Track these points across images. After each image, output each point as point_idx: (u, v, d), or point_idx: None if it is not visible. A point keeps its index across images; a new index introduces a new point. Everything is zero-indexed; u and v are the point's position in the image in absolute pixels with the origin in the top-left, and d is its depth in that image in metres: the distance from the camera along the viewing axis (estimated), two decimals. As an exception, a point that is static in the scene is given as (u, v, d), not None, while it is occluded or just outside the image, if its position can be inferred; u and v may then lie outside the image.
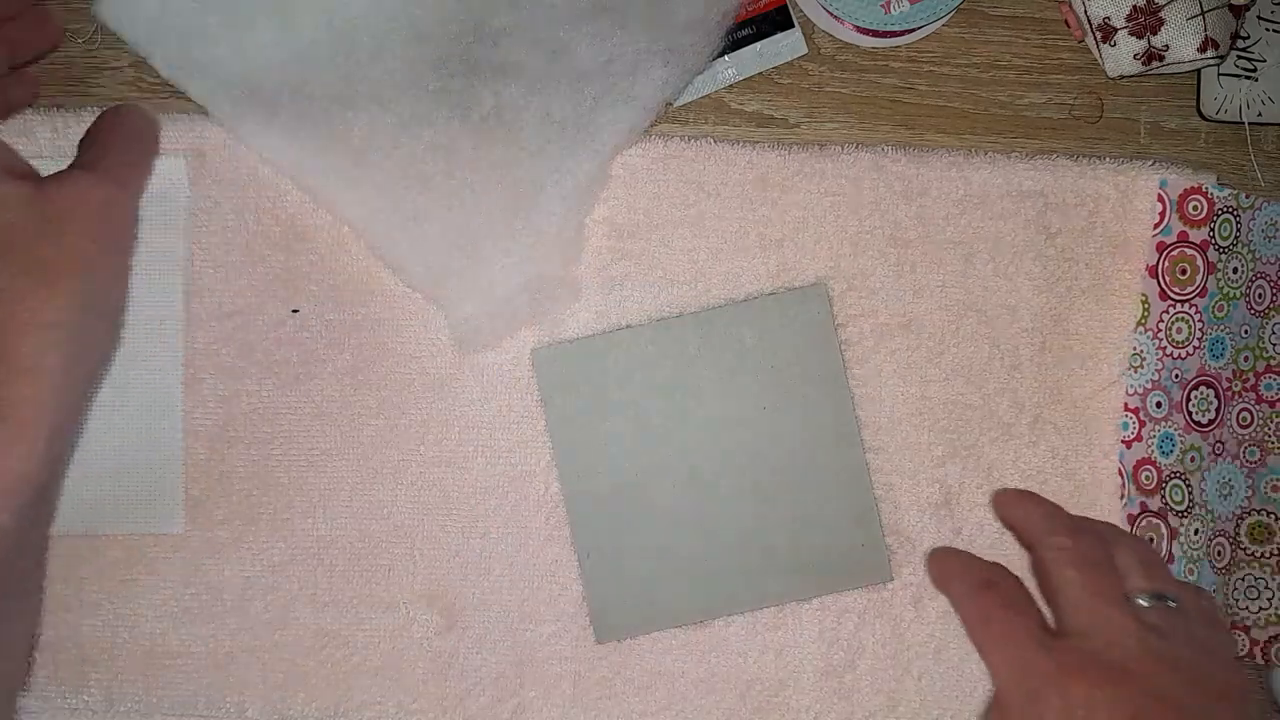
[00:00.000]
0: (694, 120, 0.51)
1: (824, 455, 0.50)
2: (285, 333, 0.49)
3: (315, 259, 0.49)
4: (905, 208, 0.51)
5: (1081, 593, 0.35)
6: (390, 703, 0.49)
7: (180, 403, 0.49)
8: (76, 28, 0.49)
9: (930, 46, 0.52)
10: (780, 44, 0.51)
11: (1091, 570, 0.36)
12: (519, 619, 0.50)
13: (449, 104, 0.47)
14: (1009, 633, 0.35)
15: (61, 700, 0.49)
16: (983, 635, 0.36)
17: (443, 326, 0.49)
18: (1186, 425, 0.50)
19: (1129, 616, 0.35)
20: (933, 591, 0.51)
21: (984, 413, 0.51)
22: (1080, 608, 0.35)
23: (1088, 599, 0.35)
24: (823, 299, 0.50)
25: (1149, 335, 0.51)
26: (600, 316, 0.50)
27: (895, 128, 0.52)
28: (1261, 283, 0.52)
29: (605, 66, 0.47)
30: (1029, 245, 0.51)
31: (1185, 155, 0.53)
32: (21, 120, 0.48)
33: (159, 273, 0.49)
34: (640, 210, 0.50)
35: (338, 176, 0.47)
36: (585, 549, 0.49)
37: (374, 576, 0.49)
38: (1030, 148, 0.52)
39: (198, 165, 0.49)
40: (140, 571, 0.49)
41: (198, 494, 0.49)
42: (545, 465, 0.50)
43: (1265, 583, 0.52)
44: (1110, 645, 0.34)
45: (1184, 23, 0.48)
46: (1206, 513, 0.51)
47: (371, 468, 0.50)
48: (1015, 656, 0.35)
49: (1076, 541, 0.37)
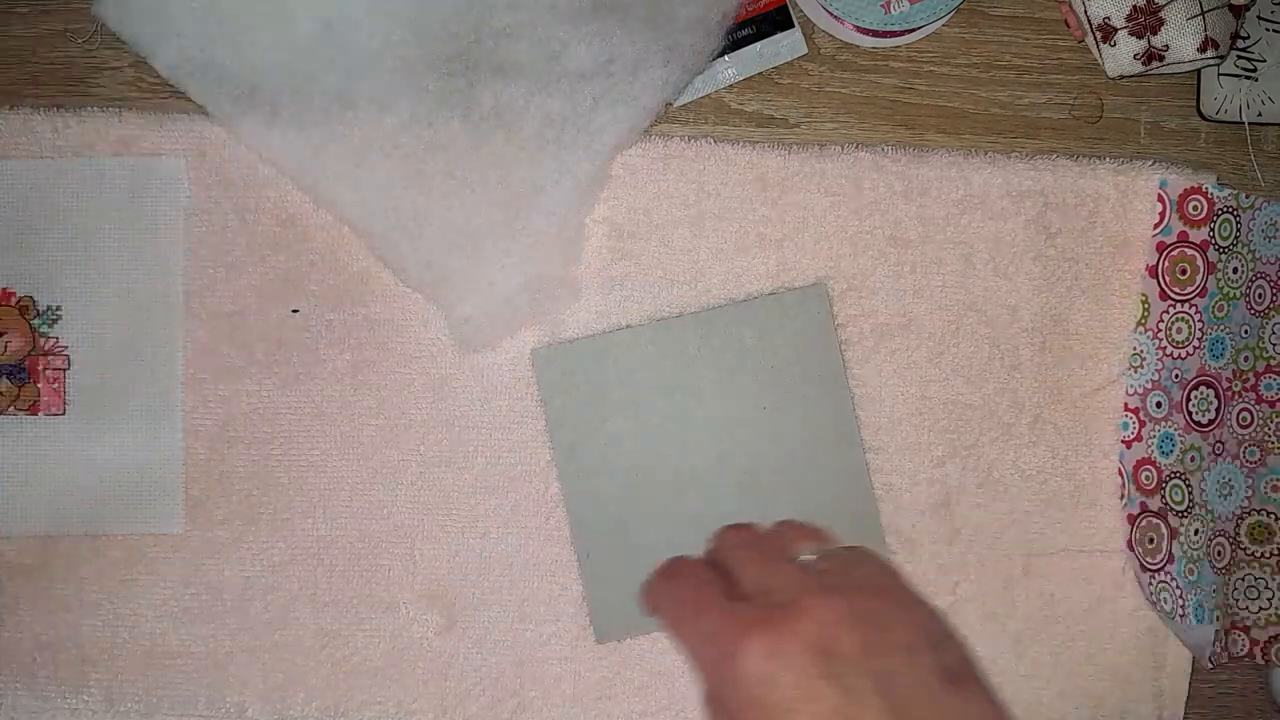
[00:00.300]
0: (694, 120, 0.51)
1: (824, 455, 0.50)
2: (285, 333, 0.49)
3: (315, 259, 0.49)
4: (905, 208, 0.51)
5: (751, 563, 0.37)
6: (390, 703, 0.49)
7: (180, 403, 0.49)
8: (76, 28, 0.49)
9: (930, 46, 0.52)
10: (780, 44, 0.51)
11: (757, 544, 0.38)
12: (519, 619, 0.50)
13: (449, 104, 0.47)
14: (692, 606, 0.37)
15: (61, 700, 0.49)
16: (671, 619, 0.37)
17: (443, 326, 0.49)
18: (1186, 425, 0.50)
19: (795, 567, 0.37)
20: (933, 591, 0.51)
21: (984, 413, 0.51)
22: (751, 573, 0.37)
23: (757, 564, 0.37)
24: (823, 299, 0.50)
25: (1149, 335, 0.51)
26: (600, 316, 0.50)
27: (895, 128, 0.52)
28: (1261, 283, 0.52)
29: (605, 66, 0.47)
30: (1029, 245, 0.51)
31: (1185, 155, 0.53)
32: (22, 120, 0.48)
33: (159, 273, 0.49)
34: (640, 210, 0.50)
35: (338, 176, 0.47)
36: (585, 549, 0.49)
37: (374, 576, 0.49)
38: (1030, 148, 0.52)
39: (198, 165, 0.49)
40: (140, 571, 0.49)
41: (198, 494, 0.49)
42: (545, 465, 0.50)
43: (1265, 583, 0.52)
44: (786, 595, 0.35)
45: (1184, 23, 0.48)
46: (1206, 513, 0.51)
47: (371, 468, 0.50)
48: (701, 627, 0.36)
49: (738, 531, 0.40)
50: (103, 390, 0.49)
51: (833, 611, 0.34)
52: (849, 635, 0.33)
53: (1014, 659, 0.51)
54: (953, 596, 0.51)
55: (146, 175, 0.49)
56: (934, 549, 0.51)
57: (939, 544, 0.51)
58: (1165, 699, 0.52)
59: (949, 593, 0.51)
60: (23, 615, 0.49)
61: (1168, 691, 0.52)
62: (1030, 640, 0.51)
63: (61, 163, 0.48)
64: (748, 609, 0.35)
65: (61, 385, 0.49)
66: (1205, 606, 0.49)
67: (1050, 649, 0.51)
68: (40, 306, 0.49)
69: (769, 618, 0.34)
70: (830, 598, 0.34)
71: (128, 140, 0.49)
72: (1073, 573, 0.52)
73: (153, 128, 0.49)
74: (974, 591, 0.51)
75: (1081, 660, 0.52)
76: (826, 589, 0.35)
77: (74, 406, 0.49)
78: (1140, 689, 0.52)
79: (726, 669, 0.34)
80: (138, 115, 0.49)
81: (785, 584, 0.36)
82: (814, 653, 0.33)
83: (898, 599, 0.37)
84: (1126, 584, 0.52)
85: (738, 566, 0.38)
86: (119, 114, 0.49)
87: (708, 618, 0.36)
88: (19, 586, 0.49)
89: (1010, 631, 0.51)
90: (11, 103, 0.49)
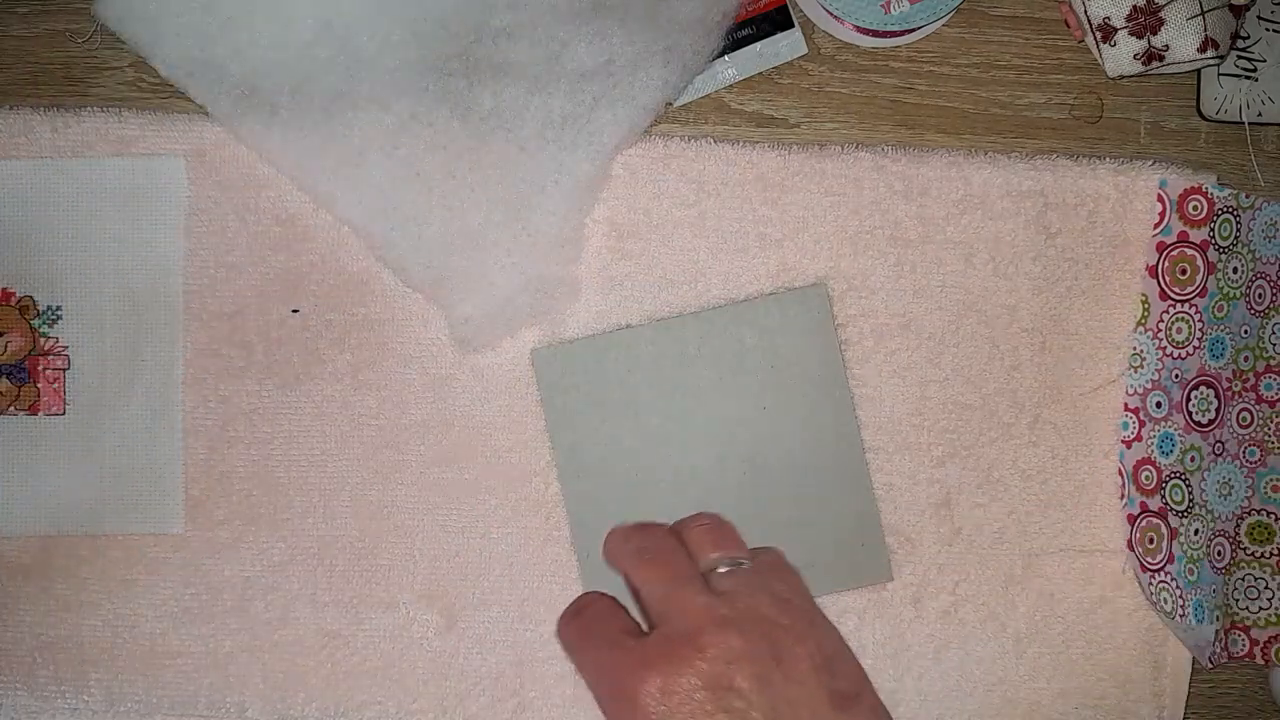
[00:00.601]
0: (694, 120, 0.51)
1: (824, 455, 0.50)
2: (285, 333, 0.49)
3: (315, 259, 0.49)
4: (905, 208, 0.51)
5: (658, 584, 0.37)
6: (390, 703, 0.49)
7: (180, 403, 0.49)
8: (76, 28, 0.49)
9: (930, 46, 0.52)
10: (780, 44, 0.51)
11: (664, 561, 0.37)
12: (519, 619, 0.50)
13: (449, 104, 0.47)
14: (594, 642, 0.37)
15: (61, 700, 0.49)
16: (578, 656, 0.37)
17: (443, 326, 0.49)
18: (1186, 425, 0.50)
19: (700, 593, 0.36)
20: (933, 591, 0.51)
21: (983, 413, 0.51)
22: (657, 598, 0.36)
23: (663, 588, 0.37)
24: (823, 299, 0.50)
25: (1149, 335, 0.51)
26: (600, 316, 0.50)
27: (895, 128, 0.52)
28: (1261, 283, 0.52)
29: (605, 66, 0.47)
30: (1029, 245, 0.51)
31: (1185, 155, 0.53)
32: (22, 120, 0.48)
33: (159, 273, 0.49)
34: (640, 210, 0.50)
35: (338, 176, 0.47)
36: (585, 549, 0.49)
37: (374, 576, 0.49)
38: (1030, 148, 0.52)
39: (198, 165, 0.49)
40: (140, 571, 0.49)
41: (198, 494, 0.49)
42: (545, 465, 0.50)
43: (1265, 583, 0.52)
44: (685, 624, 0.35)
45: (1184, 23, 0.48)
46: (1206, 513, 0.51)
47: (371, 468, 0.50)
48: (599, 661, 0.36)
49: (645, 537, 0.39)
50: (103, 390, 0.49)
51: (729, 649, 0.34)
52: (744, 671, 0.34)
53: (1014, 659, 0.51)
54: (953, 596, 0.51)
55: (146, 175, 0.49)
56: (934, 549, 0.51)
57: (939, 544, 0.51)
58: (1165, 699, 0.52)
59: (949, 593, 0.51)
60: (23, 615, 0.49)
61: (1168, 691, 0.52)
62: (1030, 640, 0.51)
63: (61, 163, 0.48)
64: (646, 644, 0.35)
65: (61, 385, 0.49)
66: (1205, 606, 0.49)
67: (1050, 649, 0.51)
68: (40, 306, 0.49)
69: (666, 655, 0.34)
70: (728, 633, 0.35)
71: (128, 140, 0.49)
72: (1073, 573, 0.52)
73: (153, 128, 0.49)
74: (974, 591, 0.51)
75: (1081, 660, 0.52)
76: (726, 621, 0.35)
77: (74, 406, 0.49)
78: (1140, 689, 0.52)
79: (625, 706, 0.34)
80: (138, 115, 0.49)
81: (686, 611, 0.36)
82: (709, 689, 0.33)
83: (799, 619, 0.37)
84: (1126, 584, 0.52)
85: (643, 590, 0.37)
86: (119, 114, 0.49)
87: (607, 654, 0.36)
88: (19, 586, 0.49)
89: (1010, 631, 0.51)
90: (11, 103, 0.49)
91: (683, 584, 0.36)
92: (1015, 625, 0.51)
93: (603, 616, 0.38)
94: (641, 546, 0.38)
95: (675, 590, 0.36)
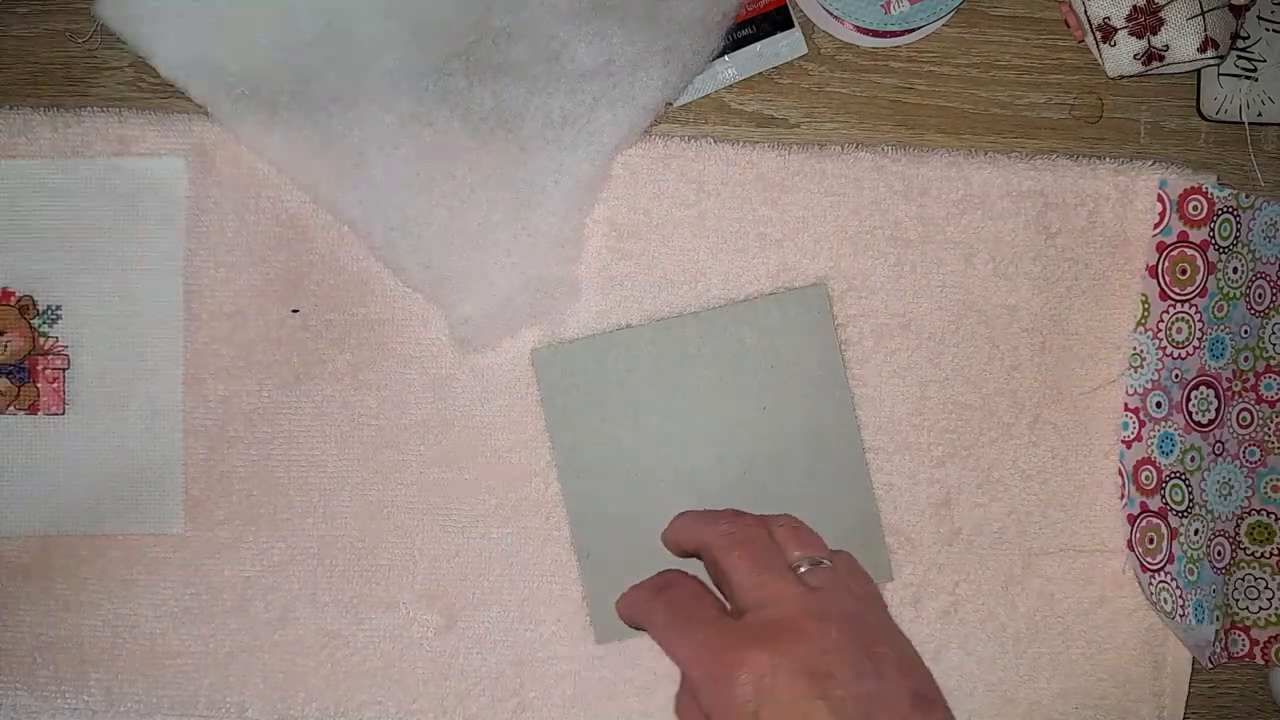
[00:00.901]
0: (694, 120, 0.51)
1: (824, 455, 0.50)
2: (285, 333, 0.49)
3: (315, 259, 0.49)
4: (905, 208, 0.51)
5: (749, 571, 0.38)
6: (390, 703, 0.49)
7: (180, 403, 0.49)
8: (76, 28, 0.49)
9: (930, 46, 0.52)
10: (780, 44, 0.51)
11: (753, 547, 0.39)
12: (519, 619, 0.50)
13: (449, 104, 0.47)
14: (689, 620, 0.38)
15: (61, 700, 0.49)
16: (666, 631, 0.38)
17: (443, 326, 0.49)
18: (1186, 425, 0.50)
19: (793, 584, 0.37)
20: (933, 591, 0.51)
21: (983, 413, 0.51)
22: (749, 584, 0.38)
23: (755, 574, 0.38)
24: (823, 299, 0.50)
25: (1149, 335, 0.51)
26: (600, 316, 0.50)
27: (895, 128, 0.52)
28: (1261, 283, 0.52)
29: (605, 66, 0.47)
30: (1029, 245, 0.51)
31: (1185, 155, 0.53)
32: (22, 120, 0.48)
33: (159, 273, 0.49)
34: (640, 210, 0.50)
35: (338, 176, 0.47)
36: (585, 549, 0.49)
37: (374, 576, 0.49)
38: (1030, 148, 0.52)
39: (198, 165, 0.49)
40: (140, 571, 0.49)
41: (198, 494, 0.49)
42: (545, 465, 0.50)
43: (1265, 583, 0.52)
44: (781, 611, 0.36)
45: (1184, 23, 0.48)
46: (1206, 513, 0.51)
47: (371, 468, 0.50)
48: (698, 639, 0.37)
49: (735, 524, 0.40)
50: (103, 390, 0.49)
51: (829, 639, 0.35)
52: (842, 662, 0.35)
53: (1014, 659, 0.51)
54: (953, 596, 0.51)
55: (146, 175, 0.49)
56: (934, 549, 0.51)
57: (939, 544, 0.51)
58: (1165, 699, 0.52)
59: (949, 593, 0.51)
60: (23, 615, 0.49)
61: (1168, 691, 0.52)
62: (1030, 640, 0.51)
63: (61, 163, 0.48)
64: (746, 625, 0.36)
65: (61, 385, 0.49)
66: (1205, 606, 0.49)
67: (1050, 649, 0.51)
68: (40, 306, 0.49)
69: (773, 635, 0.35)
70: (826, 624, 0.36)
71: (128, 140, 0.49)
72: (1073, 573, 0.52)
73: (153, 128, 0.49)
74: (974, 591, 0.51)
75: (1081, 660, 0.52)
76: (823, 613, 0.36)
77: (74, 406, 0.49)
78: (1140, 689, 0.52)
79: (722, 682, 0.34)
80: (138, 115, 0.49)
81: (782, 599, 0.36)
82: (810, 675, 0.34)
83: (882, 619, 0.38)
84: (1126, 584, 0.52)
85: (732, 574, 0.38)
86: (119, 114, 0.49)
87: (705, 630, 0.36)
88: (19, 586, 0.49)
89: (1010, 631, 0.51)
90: (11, 103, 0.49)
91: (778, 573, 0.37)
92: (1015, 625, 0.51)
93: (697, 594, 0.39)
94: (732, 531, 0.39)
95: (771, 578, 0.37)
